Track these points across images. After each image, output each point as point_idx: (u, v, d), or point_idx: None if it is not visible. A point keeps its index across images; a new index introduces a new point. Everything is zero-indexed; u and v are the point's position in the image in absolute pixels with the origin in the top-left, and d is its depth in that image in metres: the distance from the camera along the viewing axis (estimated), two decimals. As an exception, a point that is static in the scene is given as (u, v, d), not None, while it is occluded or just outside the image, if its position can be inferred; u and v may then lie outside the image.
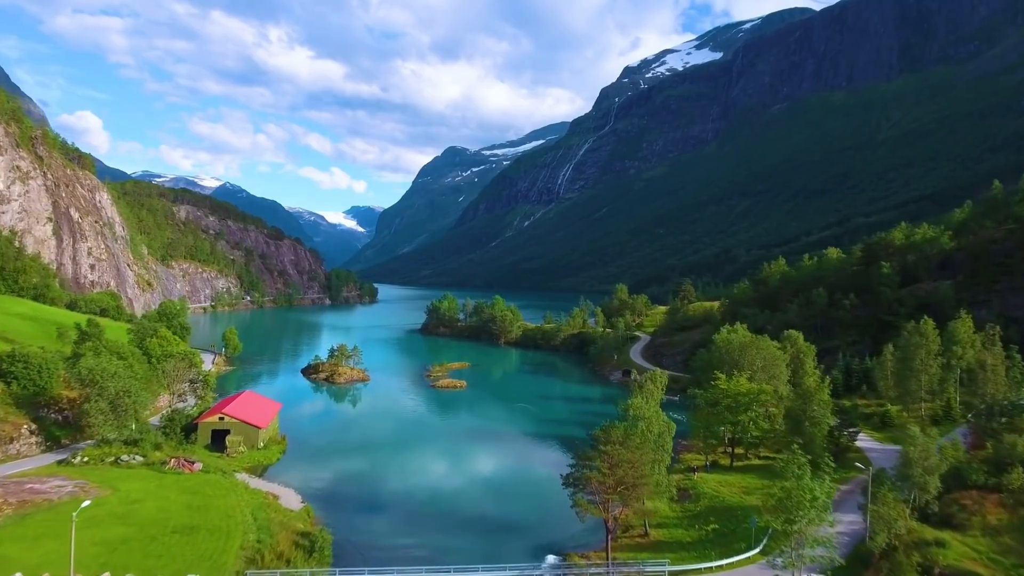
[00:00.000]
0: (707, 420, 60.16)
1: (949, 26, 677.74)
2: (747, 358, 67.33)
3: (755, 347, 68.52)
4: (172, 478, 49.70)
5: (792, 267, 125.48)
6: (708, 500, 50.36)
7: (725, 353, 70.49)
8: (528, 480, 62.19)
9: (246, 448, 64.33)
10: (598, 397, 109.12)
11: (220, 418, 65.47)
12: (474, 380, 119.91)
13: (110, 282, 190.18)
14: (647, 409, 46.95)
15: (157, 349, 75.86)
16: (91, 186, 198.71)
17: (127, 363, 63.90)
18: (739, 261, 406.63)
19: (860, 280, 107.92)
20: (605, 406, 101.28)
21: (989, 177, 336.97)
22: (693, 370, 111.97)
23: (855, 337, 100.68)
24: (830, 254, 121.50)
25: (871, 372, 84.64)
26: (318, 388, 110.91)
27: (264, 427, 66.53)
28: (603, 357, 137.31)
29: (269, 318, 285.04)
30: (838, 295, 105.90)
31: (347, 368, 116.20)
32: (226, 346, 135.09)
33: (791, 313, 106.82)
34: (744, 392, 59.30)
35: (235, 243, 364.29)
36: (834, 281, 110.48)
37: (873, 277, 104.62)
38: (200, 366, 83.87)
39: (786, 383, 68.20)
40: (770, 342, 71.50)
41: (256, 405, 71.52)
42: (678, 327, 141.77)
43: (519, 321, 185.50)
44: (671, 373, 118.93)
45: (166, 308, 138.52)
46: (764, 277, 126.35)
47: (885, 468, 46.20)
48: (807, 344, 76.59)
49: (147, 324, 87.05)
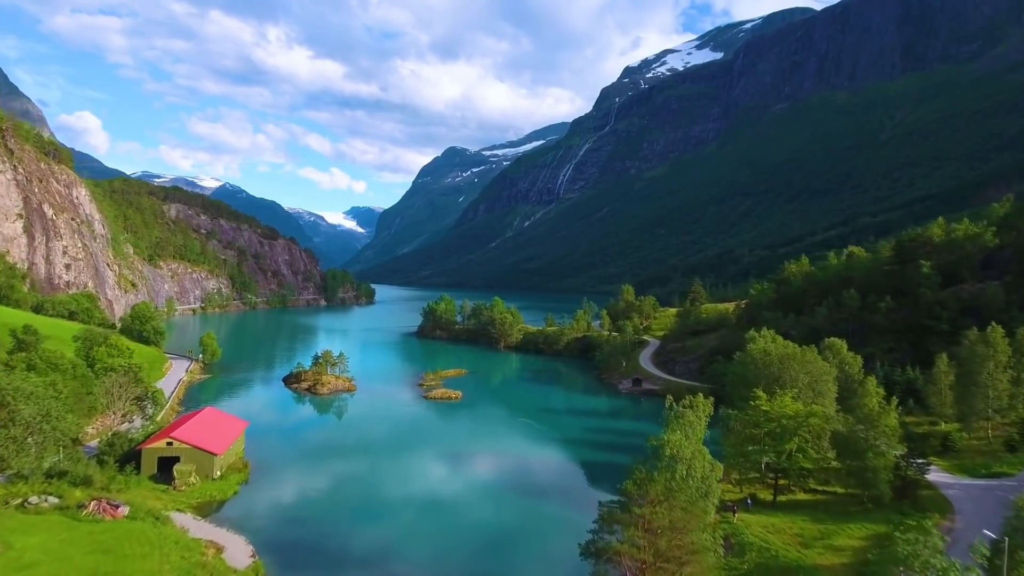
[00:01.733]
0: (744, 447, 50.30)
1: (952, 25, 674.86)
2: (790, 372, 57.36)
3: (800, 360, 58.49)
4: (87, 528, 39.63)
5: (817, 266, 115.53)
6: (757, 554, 40.40)
7: (762, 366, 60.41)
8: (533, 524, 52.03)
9: (198, 479, 54.40)
10: (607, 410, 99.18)
11: (168, 443, 55.50)
12: (471, 390, 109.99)
13: (87, 283, 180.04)
14: (687, 447, 36.73)
15: (105, 359, 65.97)
16: (68, 181, 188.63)
17: (49, 380, 53.91)
18: (742, 261, 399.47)
19: (894, 280, 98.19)
20: (617, 421, 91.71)
21: (996, 176, 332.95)
22: (711, 379, 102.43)
23: (892, 344, 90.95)
24: (859, 253, 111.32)
25: (914, 383, 75.07)
26: (299, 399, 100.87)
27: (221, 453, 56.55)
28: (610, 363, 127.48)
29: (260, 320, 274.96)
30: (871, 297, 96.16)
31: (331, 377, 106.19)
32: (204, 352, 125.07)
33: (819, 317, 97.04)
34: (791, 415, 49.37)
35: (227, 242, 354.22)
36: (865, 282, 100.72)
37: (910, 277, 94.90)
38: (150, 379, 73.81)
39: (833, 402, 58.19)
40: (817, 354, 61.36)
41: (215, 426, 61.55)
42: (690, 331, 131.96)
43: (520, 324, 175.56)
44: (686, 383, 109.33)
45: (139, 311, 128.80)
46: (786, 277, 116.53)
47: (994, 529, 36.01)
48: (851, 354, 66.44)
49: (97, 331, 77.04)
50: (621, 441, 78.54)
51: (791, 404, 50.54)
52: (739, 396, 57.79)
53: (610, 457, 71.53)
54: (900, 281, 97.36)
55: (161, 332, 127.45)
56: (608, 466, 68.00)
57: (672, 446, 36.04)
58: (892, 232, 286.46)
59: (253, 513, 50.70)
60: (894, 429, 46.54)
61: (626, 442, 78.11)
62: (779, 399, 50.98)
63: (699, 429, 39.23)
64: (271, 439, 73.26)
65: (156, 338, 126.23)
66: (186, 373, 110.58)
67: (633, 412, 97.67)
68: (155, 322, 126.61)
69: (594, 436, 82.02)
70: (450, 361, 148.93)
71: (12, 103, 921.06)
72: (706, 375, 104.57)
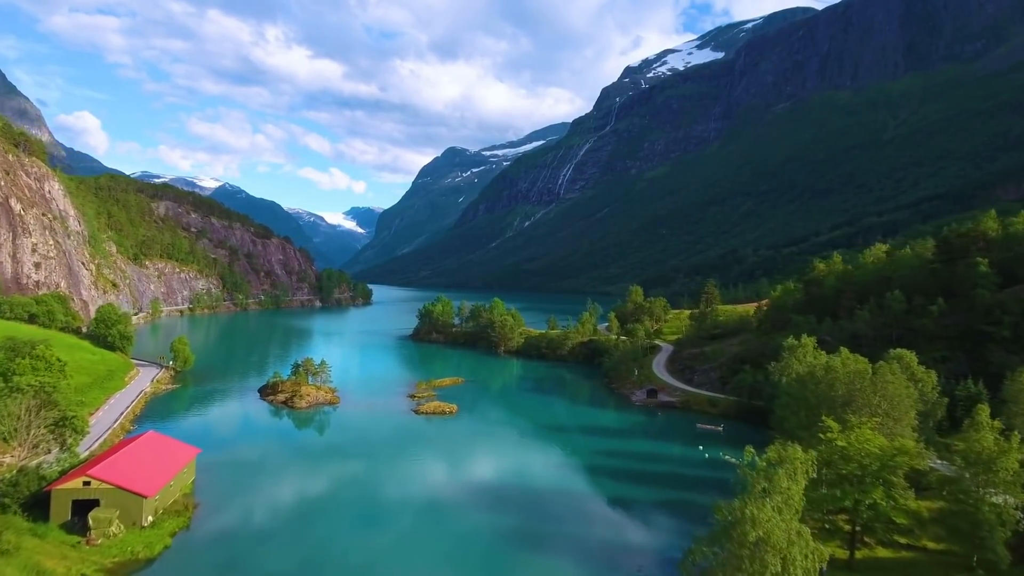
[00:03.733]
0: (813, 491, 39.27)
1: (955, 24, 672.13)
2: (863, 396, 46.26)
3: (878, 380, 47.03)
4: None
5: (852, 265, 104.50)
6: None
7: (824, 385, 49.15)
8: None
9: (122, 528, 43.32)
10: (622, 427, 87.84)
11: (85, 482, 44.37)
12: (467, 401, 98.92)
13: (60, 283, 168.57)
14: (779, 528, 24.91)
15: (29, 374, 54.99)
16: (39, 174, 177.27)
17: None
18: (747, 261, 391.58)
19: (944, 280, 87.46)
20: (634, 441, 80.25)
21: (1005, 176, 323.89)
22: (737, 390, 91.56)
23: (945, 352, 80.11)
24: (901, 251, 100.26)
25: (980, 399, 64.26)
26: (274, 414, 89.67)
27: (152, 494, 45.35)
28: (620, 371, 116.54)
29: (251, 322, 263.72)
30: (918, 299, 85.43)
31: (312, 388, 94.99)
32: (175, 358, 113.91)
33: (859, 321, 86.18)
34: (876, 452, 38.34)
35: (219, 241, 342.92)
36: (908, 282, 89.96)
37: (962, 276, 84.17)
38: (109, 389, 62.72)
39: (912, 431, 47.04)
40: (899, 372, 49.87)
41: (152, 457, 50.41)
42: (707, 336, 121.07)
43: (521, 327, 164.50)
44: (707, 394, 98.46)
45: (103, 314, 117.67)
46: (816, 277, 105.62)
47: None
48: (925, 370, 54.81)
49: (20, 341, 65.93)
50: (642, 469, 67.54)
51: (874, 439, 39.46)
52: (796, 423, 46.82)
53: (632, 491, 60.55)
54: (950, 281, 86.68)
55: (128, 337, 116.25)
56: (630, 505, 57.00)
57: (759, 525, 24.51)
58: (900, 232, 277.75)
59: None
60: (1016, 474, 35.56)
61: (648, 470, 67.15)
62: (857, 431, 39.93)
63: (795, 497, 27.12)
64: (230, 467, 62.03)
65: (122, 343, 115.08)
66: (151, 383, 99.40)
67: (651, 430, 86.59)
68: (121, 326, 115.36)
69: (610, 462, 70.86)
70: (446, 368, 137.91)
71: (10, 103, 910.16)
72: (731, 386, 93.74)
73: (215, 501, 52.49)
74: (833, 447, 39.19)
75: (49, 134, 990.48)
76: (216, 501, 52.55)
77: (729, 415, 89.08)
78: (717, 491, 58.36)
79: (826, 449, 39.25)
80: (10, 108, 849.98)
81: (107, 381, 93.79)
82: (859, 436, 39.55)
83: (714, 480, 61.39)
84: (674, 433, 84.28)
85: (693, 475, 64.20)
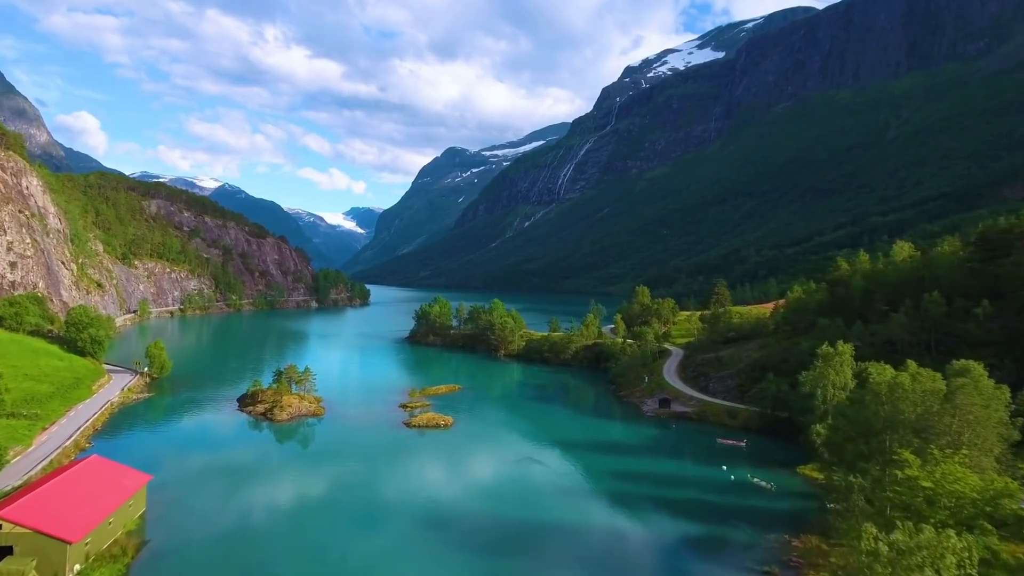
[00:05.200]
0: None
1: (958, 23, 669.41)
2: (942, 420, 38.30)
3: (959, 401, 38.89)
4: None
5: (882, 263, 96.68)
6: None
7: (889, 407, 40.89)
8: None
9: (40, 581, 35.52)
10: (635, 442, 79.63)
11: (-4, 525, 36.61)
12: (464, 412, 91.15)
13: (37, 283, 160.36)
14: None
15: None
16: (15, 169, 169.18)
17: None
18: (750, 261, 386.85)
19: (983, 280, 79.99)
20: (650, 459, 71.63)
21: (1010, 175, 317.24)
22: (760, 400, 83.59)
23: (992, 359, 72.32)
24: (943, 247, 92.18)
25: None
26: (252, 426, 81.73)
27: (78, 539, 37.52)
28: (629, 378, 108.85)
29: (243, 323, 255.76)
30: (958, 301, 77.92)
31: (294, 397, 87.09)
32: (151, 364, 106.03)
33: (895, 326, 78.55)
34: (973, 495, 30.59)
35: (212, 241, 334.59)
36: (945, 282, 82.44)
37: (1008, 276, 76.70)
38: (72, 399, 54.83)
39: (994, 460, 39.21)
40: (984, 391, 41.89)
41: (88, 489, 42.52)
42: (721, 340, 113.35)
43: (521, 329, 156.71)
44: (725, 404, 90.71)
45: (74, 317, 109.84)
46: (840, 276, 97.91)
47: None
48: (996, 385, 46.67)
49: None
50: (661, 495, 59.48)
51: (966, 476, 31.72)
52: (855, 452, 39.00)
53: (652, 522, 52.77)
54: (990, 280, 79.21)
55: (100, 341, 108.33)
56: (652, 542, 49.21)
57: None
58: (905, 232, 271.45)
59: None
60: None
61: (669, 496, 58.93)
62: (943, 465, 32.21)
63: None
64: (192, 494, 54.19)
65: (94, 348, 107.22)
66: (120, 392, 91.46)
67: (666, 444, 78.74)
68: (94, 329, 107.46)
69: (623, 487, 62.83)
70: (443, 373, 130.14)
71: (9, 102, 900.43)
72: (751, 395, 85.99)
73: (166, 538, 44.64)
74: (915, 487, 31.42)
75: (48, 134, 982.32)
76: (168, 538, 44.70)
77: (751, 428, 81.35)
78: (750, 523, 50.69)
79: (906, 491, 31.49)
80: (9, 108, 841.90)
81: (71, 390, 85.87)
82: (946, 473, 31.79)
83: (745, 510, 53.70)
84: (692, 449, 76.51)
85: (720, 503, 56.36)
